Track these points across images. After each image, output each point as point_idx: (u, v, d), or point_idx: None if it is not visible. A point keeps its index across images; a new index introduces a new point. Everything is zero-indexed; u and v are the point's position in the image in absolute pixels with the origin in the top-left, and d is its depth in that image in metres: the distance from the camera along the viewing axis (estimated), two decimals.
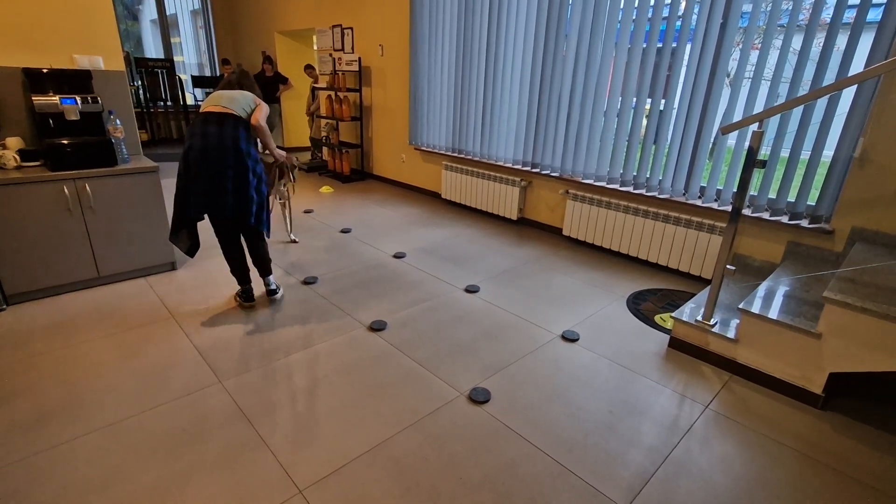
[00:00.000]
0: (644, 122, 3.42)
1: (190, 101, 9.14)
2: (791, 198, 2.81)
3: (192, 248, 2.54)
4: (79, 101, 2.71)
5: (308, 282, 3.08)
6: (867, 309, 1.78)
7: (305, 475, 1.60)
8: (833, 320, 1.90)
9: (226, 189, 2.32)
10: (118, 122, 2.86)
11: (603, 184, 3.68)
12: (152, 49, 10.17)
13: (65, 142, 2.62)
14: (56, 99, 2.66)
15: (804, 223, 2.71)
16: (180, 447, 1.70)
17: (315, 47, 6.85)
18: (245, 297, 2.72)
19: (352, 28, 5.83)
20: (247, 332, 2.46)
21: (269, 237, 2.71)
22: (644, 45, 3.29)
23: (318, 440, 1.76)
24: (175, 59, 9.20)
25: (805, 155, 2.77)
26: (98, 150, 2.72)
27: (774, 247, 2.87)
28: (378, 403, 1.97)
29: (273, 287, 2.80)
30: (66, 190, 2.61)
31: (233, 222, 2.51)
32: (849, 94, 2.48)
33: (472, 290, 3.05)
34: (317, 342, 2.40)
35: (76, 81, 2.76)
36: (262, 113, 2.43)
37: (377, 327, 2.54)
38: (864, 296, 1.85)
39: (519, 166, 4.28)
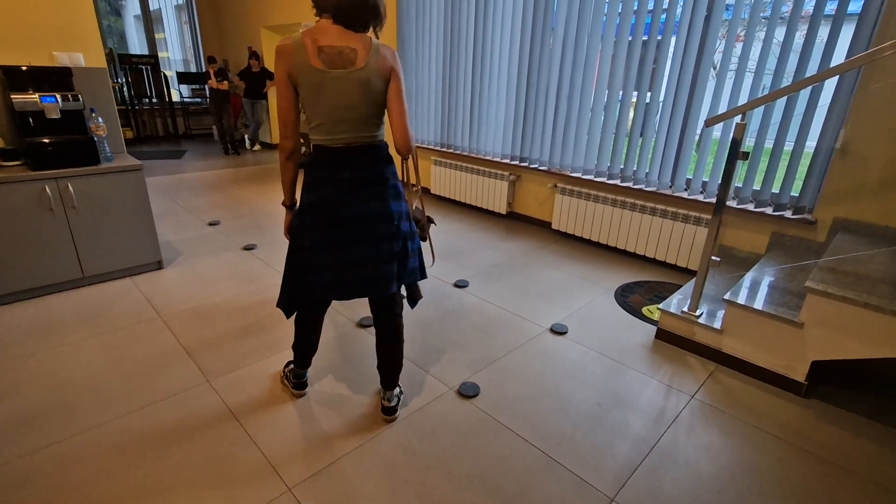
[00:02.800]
0: (631, 114, 3.43)
1: (176, 97, 9.02)
2: (775, 189, 2.84)
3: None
4: (59, 99, 2.66)
5: None
6: (847, 298, 1.82)
7: (294, 473, 1.60)
8: (815, 309, 1.93)
9: None
10: (100, 119, 2.82)
11: (591, 177, 3.70)
12: (136, 45, 10.00)
13: (46, 141, 2.58)
14: (36, 97, 2.61)
15: (788, 214, 2.74)
16: (168, 447, 1.70)
17: None
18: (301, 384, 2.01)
19: None
20: (234, 331, 2.45)
21: None
22: (630, 38, 3.30)
23: (307, 437, 1.76)
24: (160, 55, 9.07)
25: (789, 146, 2.80)
26: (80, 149, 2.68)
27: (759, 238, 2.91)
28: (366, 399, 1.97)
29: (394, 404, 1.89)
30: (47, 190, 2.57)
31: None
32: (831, 85, 2.51)
33: (461, 285, 3.05)
34: None
35: (56, 79, 2.71)
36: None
37: (366, 323, 2.54)
38: (845, 285, 1.88)
39: (507, 160, 4.28)
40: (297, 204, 1.66)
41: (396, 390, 1.91)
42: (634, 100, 3.43)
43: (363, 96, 1.50)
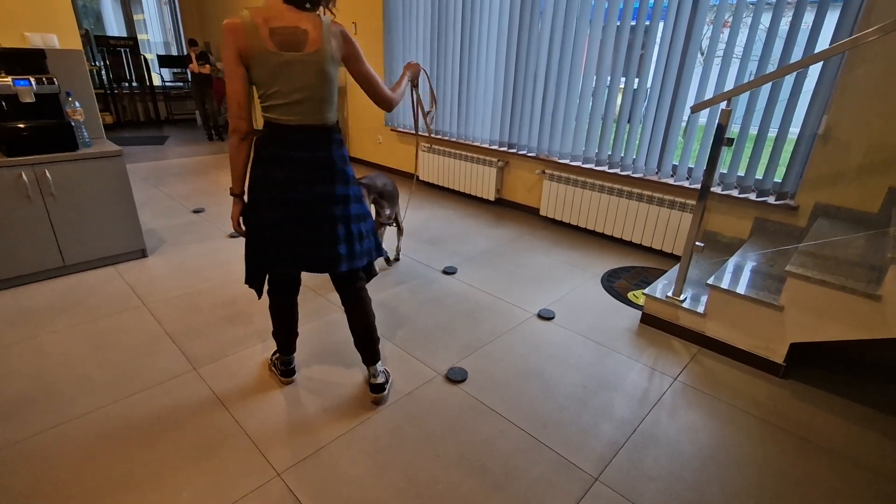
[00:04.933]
0: (618, 100, 3.43)
1: (157, 81, 8.79)
2: (759, 175, 2.88)
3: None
4: (33, 83, 2.58)
5: None
6: (826, 281, 1.86)
7: (283, 458, 1.61)
8: (794, 293, 1.97)
9: None
10: (77, 104, 2.74)
11: (579, 163, 3.70)
12: (114, 27, 9.68)
13: (20, 126, 2.50)
14: (8, 80, 2.52)
15: (771, 200, 2.78)
16: (155, 435, 1.69)
17: None
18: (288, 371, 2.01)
19: None
20: (221, 319, 2.43)
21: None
22: (618, 23, 3.28)
23: (296, 423, 1.77)
24: (139, 37, 8.80)
25: (773, 132, 2.83)
26: (56, 134, 2.61)
27: (742, 223, 2.95)
28: (355, 385, 1.98)
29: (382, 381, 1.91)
30: (24, 176, 2.50)
31: None
32: (815, 71, 2.53)
33: (449, 271, 3.06)
34: None
35: (29, 61, 2.62)
36: None
37: None
38: (824, 269, 1.93)
39: (496, 147, 4.27)
40: (248, 181, 1.63)
41: (380, 366, 1.92)
42: (622, 86, 3.43)
43: (319, 79, 1.50)
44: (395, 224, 3.04)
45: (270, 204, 1.58)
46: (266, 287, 1.84)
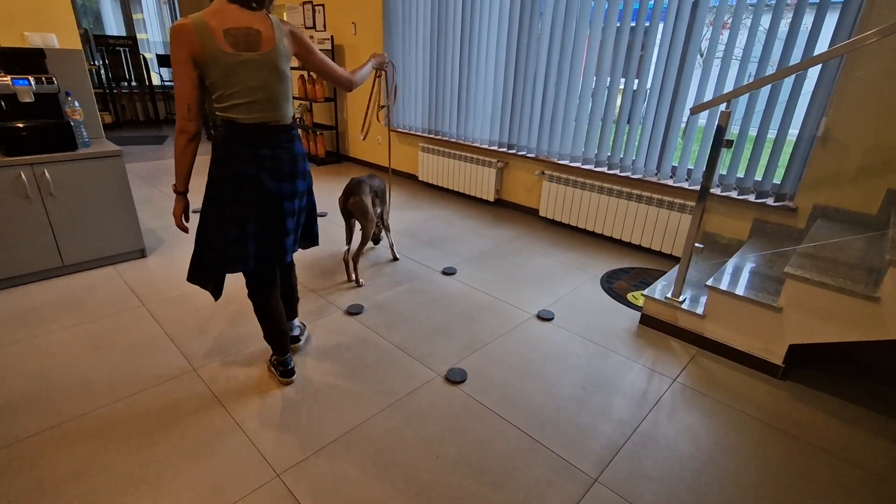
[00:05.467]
0: (618, 101, 3.44)
1: (156, 81, 8.78)
2: (758, 176, 2.88)
3: None
4: (32, 82, 2.58)
5: None
6: (824, 283, 1.86)
7: (283, 459, 1.61)
8: (793, 294, 1.98)
9: None
10: (76, 103, 2.74)
11: (578, 164, 3.71)
12: (113, 26, 9.68)
13: (20, 125, 2.49)
14: (7, 79, 2.52)
15: (770, 201, 2.79)
16: (154, 435, 1.69)
17: None
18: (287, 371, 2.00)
19: (323, 5, 5.65)
20: (220, 319, 2.43)
21: None
22: (618, 24, 3.28)
23: (295, 424, 1.77)
24: (138, 36, 8.79)
25: (772, 134, 2.83)
26: (56, 134, 2.60)
27: (741, 224, 2.96)
28: (354, 386, 1.98)
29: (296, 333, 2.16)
30: (23, 176, 2.50)
31: None
32: (814, 73, 2.54)
33: (449, 272, 3.06)
34: None
35: (29, 61, 2.62)
36: None
37: (354, 311, 2.54)
38: (822, 270, 1.93)
39: (495, 147, 4.27)
40: (207, 176, 1.67)
41: (296, 322, 2.20)
42: (622, 87, 3.43)
43: (276, 78, 1.56)
44: (382, 223, 3.07)
45: (235, 201, 1.62)
46: (247, 290, 1.89)
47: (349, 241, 2.91)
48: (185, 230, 1.71)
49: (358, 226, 2.92)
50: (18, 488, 1.47)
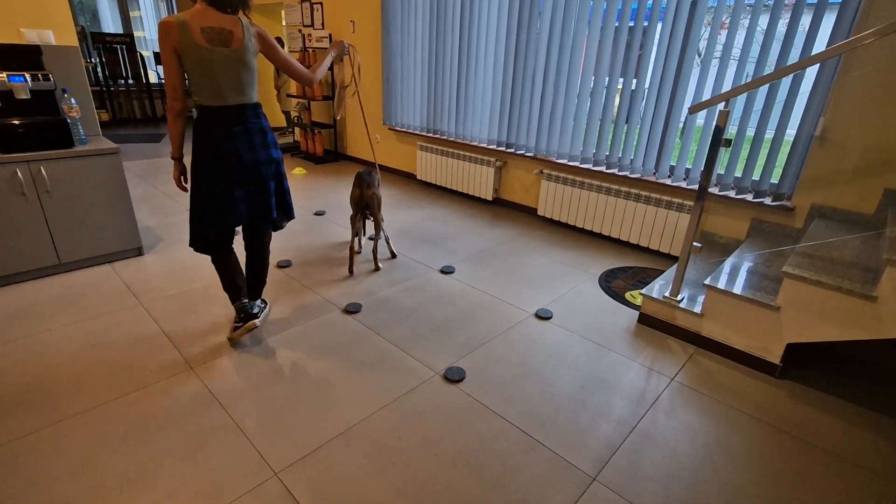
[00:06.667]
0: (616, 101, 3.44)
1: (153, 79, 8.75)
2: (756, 176, 2.89)
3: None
4: (28, 79, 2.56)
5: (282, 265, 3.04)
6: (822, 282, 1.87)
7: (281, 458, 1.61)
8: (791, 293, 1.98)
9: None
10: (73, 101, 2.72)
11: (576, 163, 3.71)
12: (110, 23, 9.63)
13: (16, 122, 2.48)
14: (3, 76, 2.50)
15: (767, 201, 2.80)
16: (151, 434, 1.68)
17: (284, 23, 6.61)
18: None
19: (321, 3, 5.64)
20: (218, 317, 2.42)
21: None
22: (616, 24, 3.28)
23: (294, 423, 1.76)
24: (135, 33, 8.75)
25: (770, 134, 2.84)
26: (52, 131, 2.59)
27: (739, 224, 2.96)
28: (353, 385, 1.98)
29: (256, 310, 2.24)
30: (19, 173, 2.48)
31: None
32: (812, 73, 2.54)
33: (447, 271, 3.06)
34: (291, 326, 2.38)
35: (25, 57, 2.60)
36: None
37: (352, 310, 2.53)
38: (820, 270, 1.94)
39: (494, 146, 4.27)
40: (191, 157, 1.96)
41: (259, 303, 2.30)
42: (620, 86, 3.43)
43: (242, 69, 1.87)
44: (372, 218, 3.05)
45: (220, 173, 1.92)
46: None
47: (357, 233, 3.00)
48: (185, 190, 2.04)
49: (352, 217, 3.03)
50: (15, 487, 1.46)
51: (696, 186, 3.08)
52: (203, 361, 2.08)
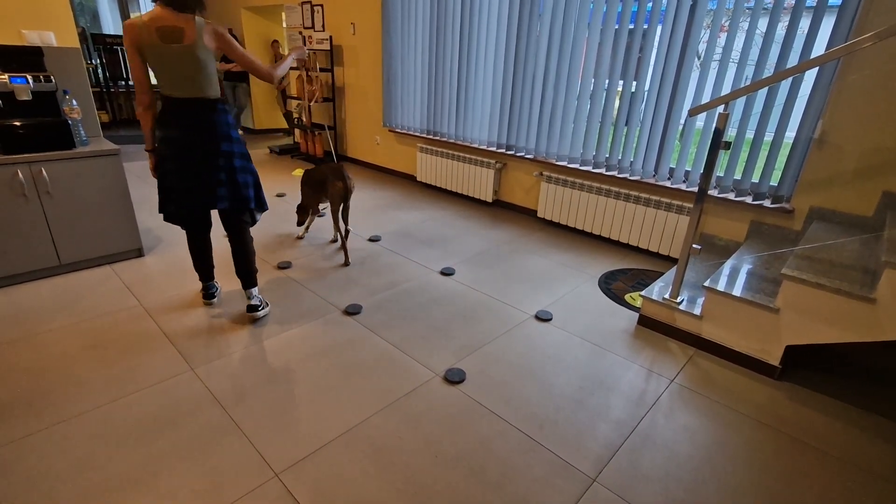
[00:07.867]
0: (616, 103, 3.45)
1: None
2: (755, 178, 2.90)
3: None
4: (30, 80, 2.56)
5: (282, 266, 3.05)
6: (821, 284, 1.87)
7: (281, 459, 1.61)
8: (790, 296, 1.99)
9: None
10: (74, 102, 2.73)
11: (576, 165, 3.72)
12: (110, 25, 9.65)
13: (17, 123, 2.48)
14: (5, 77, 2.51)
15: (767, 203, 2.80)
16: (151, 435, 1.68)
17: (284, 25, 6.63)
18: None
19: (322, 5, 5.65)
20: (218, 318, 2.42)
21: None
22: (616, 26, 3.30)
23: (294, 424, 1.76)
24: None
25: (769, 137, 2.85)
26: (54, 132, 2.60)
27: (739, 226, 2.97)
28: (353, 386, 1.98)
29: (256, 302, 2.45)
30: (20, 174, 2.48)
31: None
32: (811, 76, 2.55)
33: (447, 272, 3.06)
34: (290, 327, 2.38)
35: (26, 59, 2.61)
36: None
37: (352, 311, 2.54)
38: (819, 272, 1.94)
39: (494, 148, 4.28)
40: (156, 142, 2.15)
41: (255, 291, 2.42)
42: (620, 89, 3.45)
43: (195, 64, 2.01)
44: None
45: (173, 159, 2.10)
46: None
47: (309, 225, 3.38)
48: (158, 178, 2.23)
49: (322, 206, 3.37)
50: (15, 488, 1.46)
51: (695, 188, 3.09)
52: (203, 362, 2.08)
